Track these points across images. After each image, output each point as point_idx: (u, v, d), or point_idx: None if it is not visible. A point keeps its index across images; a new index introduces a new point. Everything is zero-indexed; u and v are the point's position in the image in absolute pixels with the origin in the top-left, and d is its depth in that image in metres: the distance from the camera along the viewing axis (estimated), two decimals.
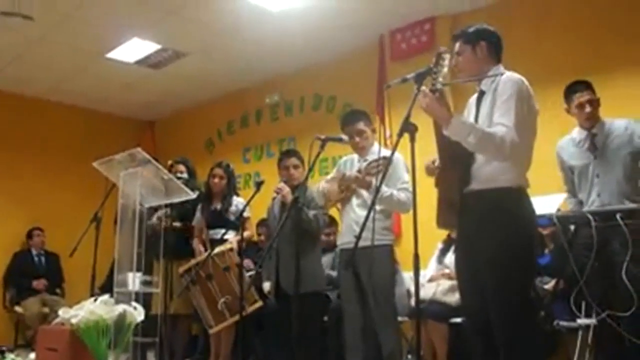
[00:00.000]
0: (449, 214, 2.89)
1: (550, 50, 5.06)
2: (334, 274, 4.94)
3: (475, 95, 2.97)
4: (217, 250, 4.49)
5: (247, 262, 5.20)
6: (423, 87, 2.64)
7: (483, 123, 2.78)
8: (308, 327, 4.05)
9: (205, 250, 4.82)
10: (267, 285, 4.80)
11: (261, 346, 5.19)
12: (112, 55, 6.64)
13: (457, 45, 2.94)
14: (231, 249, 4.62)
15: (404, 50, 5.84)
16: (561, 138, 4.06)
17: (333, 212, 4.68)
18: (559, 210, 3.73)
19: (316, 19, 5.79)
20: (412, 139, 2.56)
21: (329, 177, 4.19)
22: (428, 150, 2.94)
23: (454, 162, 2.82)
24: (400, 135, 2.58)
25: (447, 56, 2.68)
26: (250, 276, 4.67)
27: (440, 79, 2.66)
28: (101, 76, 7.28)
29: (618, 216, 3.32)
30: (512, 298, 2.68)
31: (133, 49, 6.52)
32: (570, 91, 3.89)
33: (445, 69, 2.67)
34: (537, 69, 4.74)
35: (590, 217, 3.43)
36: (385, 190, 3.67)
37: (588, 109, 3.80)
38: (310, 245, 4.27)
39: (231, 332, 4.63)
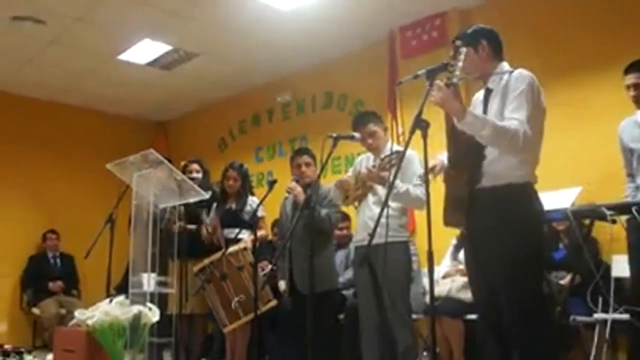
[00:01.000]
0: (456, 211, 2.87)
1: (563, 39, 4.99)
2: (348, 275, 4.94)
3: (481, 92, 2.95)
4: (231, 249, 4.49)
5: (265, 264, 5.20)
6: (437, 81, 2.62)
7: None
8: (322, 325, 4.05)
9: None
10: (282, 284, 4.80)
11: (276, 345, 5.20)
12: (123, 57, 6.68)
13: None
14: (245, 248, 4.62)
15: (415, 46, 5.80)
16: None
17: (348, 209, 4.67)
18: (573, 204, 3.69)
19: (326, 17, 5.78)
20: (424, 136, 2.55)
21: (345, 175, 4.19)
22: (440, 147, 2.92)
23: (464, 159, 2.80)
24: (412, 132, 2.57)
25: (464, 50, 2.65)
26: (264, 275, 4.67)
27: (457, 73, 2.63)
28: (113, 78, 7.31)
29: (634, 209, 3.27)
30: (525, 294, 2.67)
31: (144, 51, 6.54)
32: (624, 73, 3.77)
33: (461, 63, 2.64)
34: (547, 60, 4.70)
35: (606, 210, 3.37)
36: (401, 186, 3.66)
37: (632, 92, 3.69)
38: (323, 244, 4.27)
39: (246, 331, 4.63)
